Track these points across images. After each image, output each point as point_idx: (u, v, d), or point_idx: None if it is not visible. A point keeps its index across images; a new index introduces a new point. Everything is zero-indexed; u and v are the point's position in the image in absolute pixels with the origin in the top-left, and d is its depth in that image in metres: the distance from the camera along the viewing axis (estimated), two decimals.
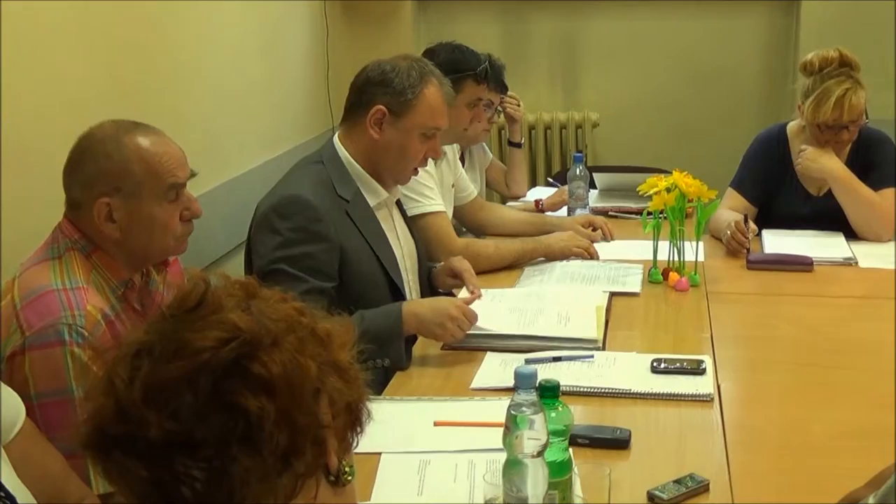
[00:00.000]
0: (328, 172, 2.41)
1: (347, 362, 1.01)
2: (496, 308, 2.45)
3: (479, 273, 2.76)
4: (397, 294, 2.43)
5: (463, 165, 3.46)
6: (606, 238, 3.15)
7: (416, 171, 2.53)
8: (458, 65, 3.05)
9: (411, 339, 2.27)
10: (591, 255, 2.95)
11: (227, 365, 0.92)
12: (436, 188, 2.90)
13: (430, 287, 2.68)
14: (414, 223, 2.74)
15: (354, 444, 1.03)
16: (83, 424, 0.96)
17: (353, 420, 1.01)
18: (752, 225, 3.02)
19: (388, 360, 2.15)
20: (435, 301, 2.32)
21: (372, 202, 2.46)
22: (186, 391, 0.91)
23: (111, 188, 1.78)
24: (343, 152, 2.44)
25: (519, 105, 3.76)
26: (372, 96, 2.41)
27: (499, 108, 3.62)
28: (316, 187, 2.37)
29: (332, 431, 0.98)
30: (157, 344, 0.94)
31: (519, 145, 3.85)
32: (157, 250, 1.89)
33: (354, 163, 2.44)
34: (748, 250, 2.95)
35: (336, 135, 2.49)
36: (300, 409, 0.94)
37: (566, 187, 3.49)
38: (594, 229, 3.17)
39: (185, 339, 0.93)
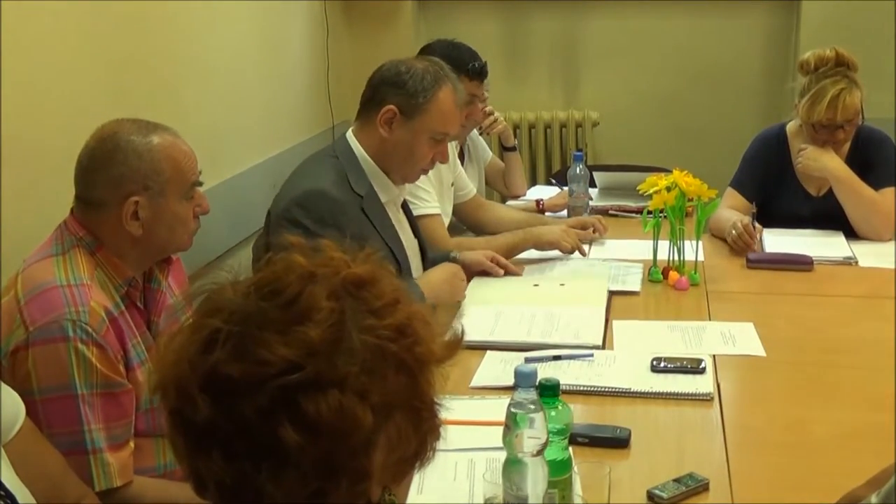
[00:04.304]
0: (343, 167, 2.43)
1: (432, 394, 0.97)
2: (505, 318, 2.42)
3: (474, 271, 2.75)
4: None
5: (462, 162, 3.47)
6: (599, 233, 3.12)
7: (424, 172, 2.56)
8: (452, 62, 3.02)
9: None
10: (582, 253, 2.94)
11: (282, 391, 0.88)
12: (432, 190, 2.90)
13: None
14: None
15: (411, 476, 1.00)
16: (155, 375, 0.95)
17: (412, 460, 0.98)
18: (758, 226, 3.02)
19: None
20: (437, 268, 2.48)
21: (383, 198, 2.49)
22: (244, 395, 0.89)
23: (140, 187, 1.79)
24: (357, 147, 2.46)
25: (497, 118, 3.67)
26: (385, 95, 2.43)
27: (486, 133, 3.66)
28: (334, 181, 2.39)
29: (380, 473, 0.94)
30: (233, 336, 0.91)
31: (514, 149, 3.84)
32: (175, 246, 1.92)
33: (368, 158, 2.46)
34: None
35: (350, 129, 2.51)
36: (344, 455, 0.90)
37: (567, 188, 3.49)
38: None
39: (258, 343, 0.90)
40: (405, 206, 2.68)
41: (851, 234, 3.12)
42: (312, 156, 2.59)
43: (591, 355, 2.19)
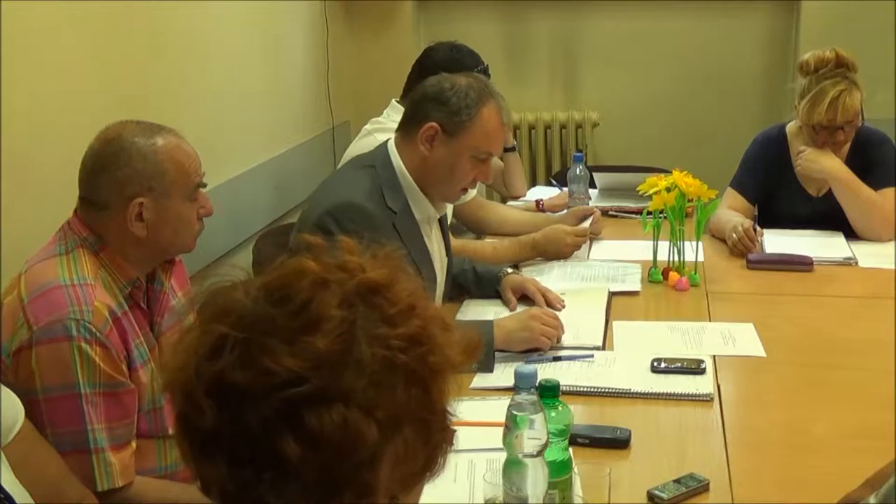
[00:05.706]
0: (379, 180, 2.38)
1: (444, 403, 0.95)
2: None
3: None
4: None
5: None
6: (594, 233, 3.10)
7: (464, 191, 2.50)
8: (455, 64, 3.01)
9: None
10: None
11: (285, 403, 0.87)
12: None
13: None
14: None
15: (421, 485, 0.98)
16: (164, 375, 0.94)
17: (421, 471, 0.96)
18: (759, 229, 3.02)
19: (477, 365, 2.11)
20: (516, 313, 2.34)
21: (418, 216, 2.43)
22: (249, 404, 0.88)
23: (144, 188, 1.79)
24: (397, 161, 2.41)
25: None
26: (427, 112, 2.37)
27: None
28: (369, 193, 2.34)
29: (386, 486, 0.92)
30: (240, 343, 0.89)
31: (513, 149, 3.84)
32: (178, 247, 1.92)
33: (407, 174, 2.40)
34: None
35: (391, 140, 2.46)
36: (347, 469, 0.89)
37: (567, 189, 3.49)
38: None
39: (264, 351, 0.88)
40: (441, 221, 2.60)
41: (851, 234, 3.12)
42: (350, 162, 2.56)
43: (592, 356, 2.19)
